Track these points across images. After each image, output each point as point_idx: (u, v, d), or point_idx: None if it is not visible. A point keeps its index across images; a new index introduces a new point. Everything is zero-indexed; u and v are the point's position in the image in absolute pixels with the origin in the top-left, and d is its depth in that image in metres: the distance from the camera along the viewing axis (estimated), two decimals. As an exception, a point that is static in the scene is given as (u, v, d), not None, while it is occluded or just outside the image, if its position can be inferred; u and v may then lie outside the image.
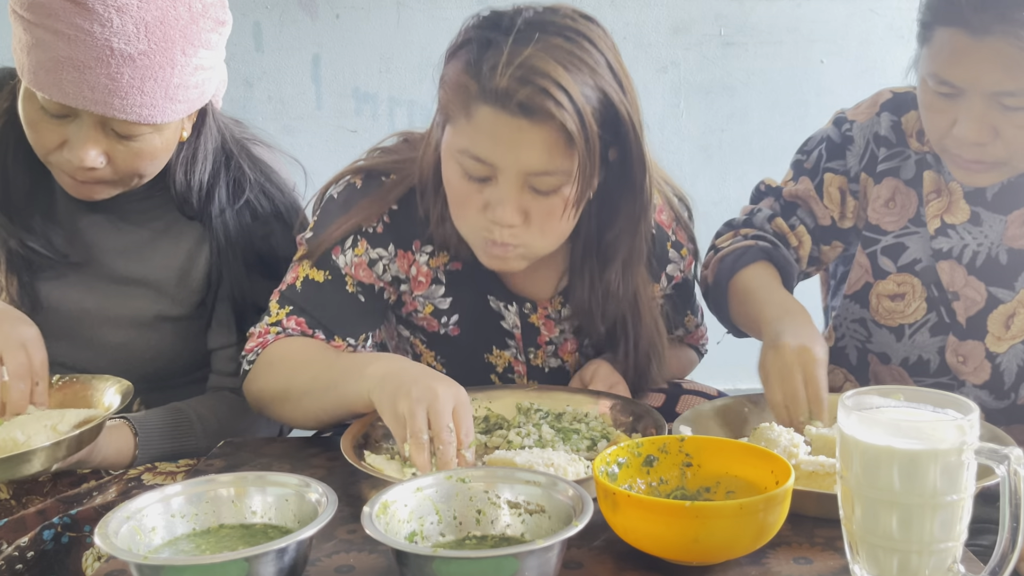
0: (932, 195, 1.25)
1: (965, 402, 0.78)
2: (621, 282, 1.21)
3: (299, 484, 0.85)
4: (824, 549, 0.87)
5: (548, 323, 1.28)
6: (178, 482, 0.87)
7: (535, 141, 1.04)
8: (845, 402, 0.79)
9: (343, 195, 1.22)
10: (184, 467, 1.16)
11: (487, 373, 1.30)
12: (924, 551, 0.76)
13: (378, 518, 0.79)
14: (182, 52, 1.11)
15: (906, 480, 0.75)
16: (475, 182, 1.09)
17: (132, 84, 1.08)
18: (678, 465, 0.92)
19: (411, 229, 1.21)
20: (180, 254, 1.28)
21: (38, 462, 0.97)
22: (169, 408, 1.24)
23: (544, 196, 1.08)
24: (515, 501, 0.85)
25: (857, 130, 1.30)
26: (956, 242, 1.24)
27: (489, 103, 1.03)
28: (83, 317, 1.26)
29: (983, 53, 1.08)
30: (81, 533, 1.02)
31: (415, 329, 1.30)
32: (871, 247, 1.30)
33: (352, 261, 1.19)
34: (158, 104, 1.11)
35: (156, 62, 1.09)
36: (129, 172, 1.17)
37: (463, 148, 1.07)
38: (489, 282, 1.25)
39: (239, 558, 0.73)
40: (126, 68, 1.07)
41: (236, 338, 1.28)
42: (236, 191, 1.28)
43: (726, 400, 1.18)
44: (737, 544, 0.82)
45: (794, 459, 0.97)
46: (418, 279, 1.23)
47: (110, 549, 0.75)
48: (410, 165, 1.20)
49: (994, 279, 1.24)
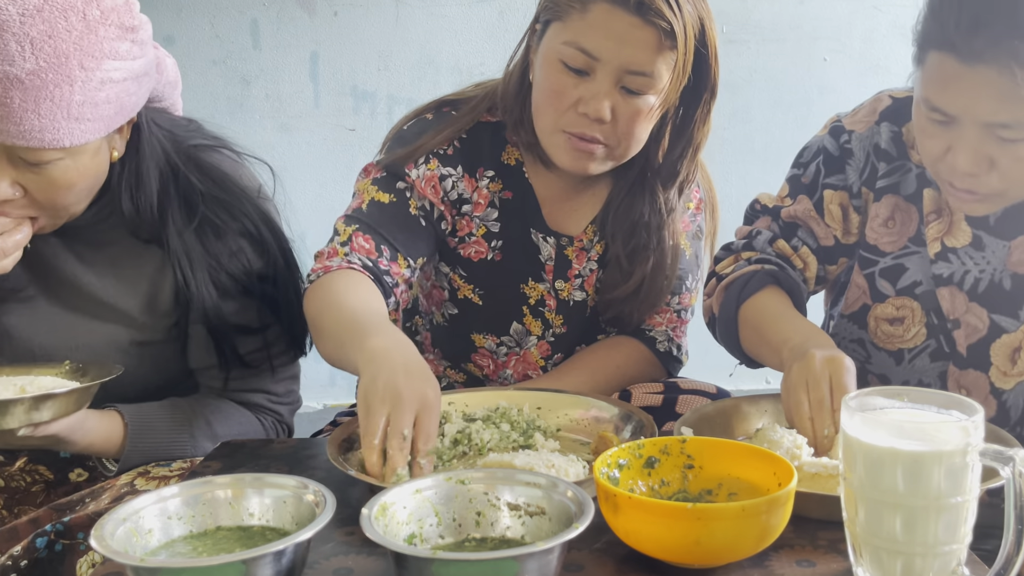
0: (932, 215, 1.21)
1: (970, 403, 0.78)
2: (676, 204, 1.35)
3: (297, 486, 0.84)
4: (827, 552, 0.86)
5: (580, 255, 1.37)
6: (175, 484, 0.86)
7: (642, 40, 1.16)
8: (849, 403, 0.79)
9: (415, 127, 1.33)
10: (178, 471, 1.15)
11: (520, 304, 1.38)
12: (928, 554, 0.75)
13: (377, 520, 0.79)
14: (80, 66, 1.01)
15: (910, 482, 0.74)
16: (572, 76, 1.19)
17: (25, 107, 0.99)
18: (680, 467, 0.92)
19: (478, 157, 1.32)
20: (144, 280, 1.20)
21: (15, 418, 0.95)
22: (165, 402, 1.22)
23: (632, 97, 1.20)
24: (515, 503, 0.84)
25: (856, 141, 1.25)
26: (957, 267, 1.20)
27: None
28: (54, 346, 1.19)
29: (975, 81, 1.01)
30: (74, 540, 1.00)
31: (456, 263, 1.36)
32: (869, 268, 1.25)
33: (424, 175, 1.29)
34: (60, 126, 1.01)
35: (49, 80, 0.99)
36: (49, 203, 1.07)
37: (570, 40, 1.18)
38: (532, 215, 1.35)
39: (236, 560, 0.73)
40: (15, 91, 0.98)
41: (217, 359, 1.22)
42: (189, 208, 1.18)
43: (728, 401, 1.17)
44: (739, 547, 0.81)
45: (797, 461, 0.96)
46: (478, 201, 1.33)
47: (106, 551, 0.75)
48: (479, 102, 1.33)
49: (997, 306, 1.19)
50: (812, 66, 2.87)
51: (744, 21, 2.84)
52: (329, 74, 2.86)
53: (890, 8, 2.82)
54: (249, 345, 1.24)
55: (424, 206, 1.29)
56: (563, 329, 1.39)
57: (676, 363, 1.44)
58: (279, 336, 1.26)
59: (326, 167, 2.82)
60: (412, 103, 2.81)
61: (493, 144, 1.33)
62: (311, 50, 2.85)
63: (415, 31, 2.83)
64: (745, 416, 1.14)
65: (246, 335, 1.23)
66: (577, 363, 1.38)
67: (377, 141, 1.39)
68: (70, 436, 1.07)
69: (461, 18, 2.85)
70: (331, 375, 2.92)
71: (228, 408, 1.26)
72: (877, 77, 1.28)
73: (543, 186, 1.35)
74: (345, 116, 2.89)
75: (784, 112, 2.89)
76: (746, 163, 2.89)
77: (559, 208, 1.36)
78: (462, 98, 1.36)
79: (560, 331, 1.39)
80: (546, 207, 1.35)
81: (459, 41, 2.85)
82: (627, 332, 1.42)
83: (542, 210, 1.35)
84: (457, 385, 1.42)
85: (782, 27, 2.86)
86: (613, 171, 1.32)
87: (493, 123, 1.34)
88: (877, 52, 2.86)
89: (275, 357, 1.26)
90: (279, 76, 2.86)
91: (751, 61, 2.86)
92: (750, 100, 2.89)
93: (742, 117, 2.90)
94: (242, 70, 2.83)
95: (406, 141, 1.31)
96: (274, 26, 2.82)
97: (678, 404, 1.28)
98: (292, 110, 2.88)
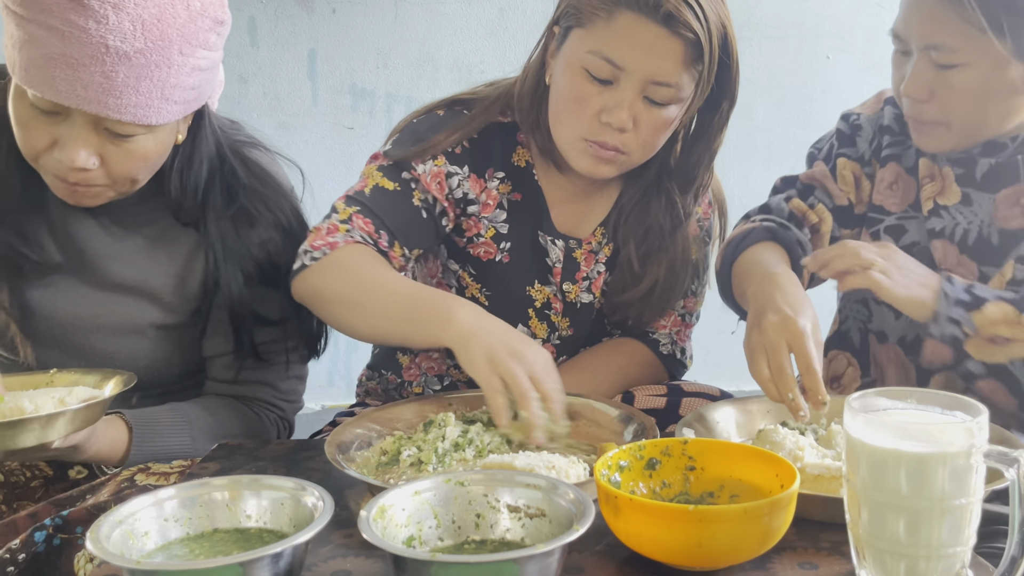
0: (926, 179, 1.27)
1: (974, 404, 0.77)
2: (692, 208, 1.35)
3: (295, 488, 0.84)
4: (830, 554, 0.86)
5: (589, 257, 1.36)
6: (171, 485, 0.86)
7: (668, 51, 1.16)
8: (852, 404, 0.78)
9: (426, 122, 1.32)
10: (178, 468, 1.15)
11: (527, 307, 1.37)
12: (932, 556, 0.75)
13: (375, 522, 0.78)
14: (179, 51, 1.09)
15: (914, 484, 0.74)
16: (596, 84, 1.19)
17: (127, 83, 1.06)
18: (681, 468, 0.91)
19: (488, 158, 1.31)
20: (177, 261, 1.26)
21: (33, 434, 0.97)
22: (166, 407, 1.23)
23: (655, 107, 1.19)
24: (515, 505, 0.84)
25: (865, 120, 1.35)
26: (948, 222, 1.25)
27: (633, 9, 1.15)
28: (76, 325, 1.23)
29: (919, 5, 1.14)
30: (73, 535, 1.01)
31: (466, 261, 1.35)
32: (874, 227, 1.31)
33: (431, 170, 1.28)
34: (153, 104, 1.09)
35: (152, 61, 1.07)
36: (122, 175, 1.15)
37: (595, 49, 1.17)
38: (541, 217, 1.34)
39: (234, 563, 0.72)
40: (121, 66, 1.05)
41: (233, 346, 1.26)
42: (230, 196, 1.25)
43: (730, 402, 1.17)
44: (741, 549, 0.81)
45: (799, 462, 0.96)
46: (487, 202, 1.32)
47: (102, 554, 0.74)
48: (492, 102, 1.32)
49: (985, 258, 1.24)
50: (815, 64, 2.86)
51: (746, 18, 2.83)
52: (327, 72, 2.85)
53: (893, 5, 2.81)
54: (266, 336, 1.27)
55: (428, 199, 1.28)
56: (569, 332, 1.38)
57: (680, 367, 1.43)
58: (295, 331, 1.29)
59: (324, 166, 2.81)
60: (411, 101, 2.79)
61: (504, 145, 1.33)
62: (309, 48, 2.84)
63: (414, 28, 2.82)
64: (747, 417, 1.14)
65: (265, 325, 1.27)
66: (578, 363, 1.37)
67: (376, 139, 1.39)
68: (82, 449, 1.09)
69: (461, 15, 2.84)
70: (330, 376, 2.92)
71: (229, 408, 1.27)
72: (880, 75, 1.27)
73: (553, 188, 1.34)
74: (343, 114, 2.88)
75: (786, 110, 2.88)
76: (748, 162, 2.87)
77: (568, 211, 1.35)
78: (476, 97, 1.35)
79: (566, 333, 1.38)
80: (555, 209, 1.35)
81: (459, 39, 2.84)
82: (631, 335, 1.41)
83: (551, 212, 1.35)
84: (461, 385, 1.42)
85: (784, 24, 2.85)
86: (624, 174, 1.31)
87: (505, 124, 1.33)
88: (881, 50, 2.84)
89: (289, 352, 1.29)
90: (277, 74, 2.84)
91: (753, 59, 2.84)
92: (752, 98, 2.88)
93: (744, 115, 2.87)
94: (239, 68, 2.81)
95: (417, 135, 1.30)
96: (272, 23, 2.81)
97: (681, 407, 1.28)
98: (290, 108, 2.87)
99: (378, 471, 1.00)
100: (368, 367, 1.50)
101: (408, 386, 1.44)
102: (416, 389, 1.43)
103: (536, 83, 1.28)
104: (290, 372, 1.32)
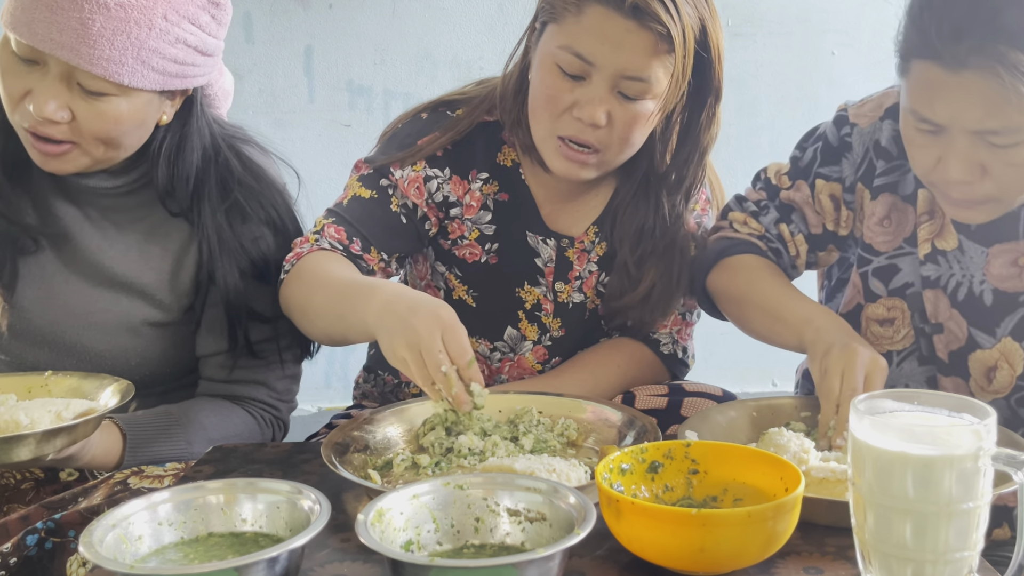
0: (924, 216, 1.20)
1: (982, 406, 0.77)
2: (683, 209, 1.32)
3: (291, 491, 0.83)
4: (835, 558, 0.85)
5: (582, 256, 1.35)
6: (165, 488, 0.85)
7: (638, 44, 1.14)
8: (857, 406, 0.77)
9: (409, 126, 1.31)
10: (172, 471, 1.14)
11: (516, 309, 1.35)
12: (939, 560, 0.74)
13: (373, 526, 0.78)
14: (163, 17, 1.09)
15: (920, 487, 0.73)
16: (568, 80, 1.17)
17: (102, 34, 1.06)
18: (684, 472, 0.91)
19: (470, 159, 1.30)
20: (168, 256, 1.25)
21: (28, 449, 0.96)
22: (159, 411, 1.22)
23: (629, 102, 1.18)
24: (515, 509, 0.83)
25: (857, 136, 1.24)
26: (944, 271, 1.19)
27: (602, 2, 1.13)
28: (66, 322, 1.22)
29: (961, 88, 1.01)
30: (65, 538, 1.00)
31: (452, 263, 1.34)
32: (864, 267, 1.25)
33: (408, 176, 1.27)
34: (127, 63, 1.09)
35: (132, 17, 1.07)
36: (91, 133, 1.13)
37: (565, 44, 1.16)
38: (529, 217, 1.33)
39: (229, 567, 0.72)
40: (99, 15, 1.06)
41: (228, 344, 1.25)
42: (224, 189, 1.25)
43: (733, 404, 1.16)
44: (745, 553, 0.80)
45: (804, 465, 0.95)
46: (470, 204, 1.31)
47: (95, 558, 0.74)
48: (479, 104, 1.30)
49: (976, 319, 1.18)
50: (820, 60, 2.84)
51: (750, 14, 2.81)
52: (324, 68, 2.83)
53: (900, 0, 2.80)
54: (260, 333, 1.27)
55: (407, 204, 1.28)
56: (561, 332, 1.37)
57: (682, 366, 1.41)
58: (289, 329, 1.28)
59: (321, 163, 2.79)
60: (409, 98, 2.77)
61: (488, 145, 1.31)
62: (305, 44, 2.82)
63: (412, 24, 2.81)
64: (751, 419, 1.13)
65: (259, 322, 1.26)
66: (577, 363, 1.36)
67: (373, 137, 1.38)
68: (77, 458, 1.08)
69: (459, 11, 2.82)
70: (326, 378, 2.91)
71: (223, 410, 1.26)
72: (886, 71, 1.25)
73: (542, 187, 1.33)
74: (340, 111, 2.87)
75: (791, 107, 2.86)
76: (752, 158, 2.85)
77: (559, 209, 1.34)
78: (463, 98, 1.33)
79: (558, 335, 1.37)
80: (545, 208, 1.33)
81: (457, 35, 2.83)
82: (631, 335, 1.40)
83: (541, 212, 1.33)
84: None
85: (789, 20, 2.83)
86: (618, 171, 1.30)
87: (490, 123, 1.32)
88: (887, 46, 2.82)
89: (283, 350, 1.29)
90: (273, 70, 2.83)
91: (757, 55, 2.83)
92: (756, 95, 2.86)
93: (748, 112, 2.87)
94: (235, 64, 2.79)
95: (399, 141, 1.30)
96: (267, 19, 2.80)
97: (683, 407, 1.26)
98: (286, 105, 2.85)
99: (376, 471, 0.99)
100: (364, 369, 1.49)
101: (405, 387, 1.43)
102: (413, 390, 1.42)
103: (519, 81, 1.27)
104: (285, 371, 1.31)
